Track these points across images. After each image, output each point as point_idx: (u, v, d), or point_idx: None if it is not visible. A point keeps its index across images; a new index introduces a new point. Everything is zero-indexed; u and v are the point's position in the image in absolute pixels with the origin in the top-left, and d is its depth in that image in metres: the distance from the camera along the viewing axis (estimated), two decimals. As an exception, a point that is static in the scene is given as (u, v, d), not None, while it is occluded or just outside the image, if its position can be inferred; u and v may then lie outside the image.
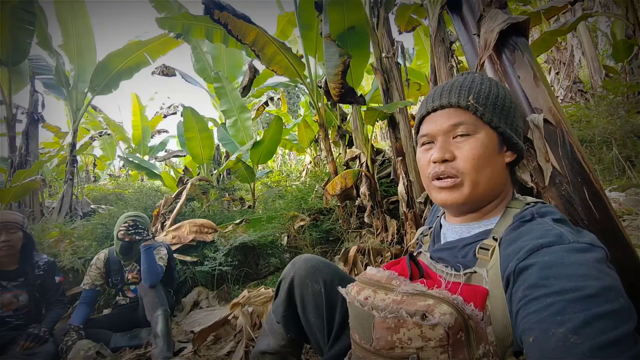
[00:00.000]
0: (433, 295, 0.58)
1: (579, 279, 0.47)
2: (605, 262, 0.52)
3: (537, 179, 0.87)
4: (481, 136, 0.67)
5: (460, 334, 0.54)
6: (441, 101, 0.70)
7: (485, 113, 0.68)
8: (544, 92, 0.93)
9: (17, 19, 4.08)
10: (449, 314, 0.54)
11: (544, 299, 0.48)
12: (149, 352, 1.74)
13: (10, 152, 4.43)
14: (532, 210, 0.66)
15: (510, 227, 0.65)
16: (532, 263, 0.53)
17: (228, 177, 5.35)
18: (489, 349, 0.56)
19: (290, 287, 0.99)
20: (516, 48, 0.98)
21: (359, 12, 2.61)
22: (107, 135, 7.97)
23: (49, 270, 2.03)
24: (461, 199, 0.68)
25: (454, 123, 0.68)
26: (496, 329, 0.57)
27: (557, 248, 0.53)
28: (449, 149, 0.68)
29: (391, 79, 2.77)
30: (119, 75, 4.93)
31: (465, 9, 1.12)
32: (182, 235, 2.90)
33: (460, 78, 0.73)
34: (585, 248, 0.53)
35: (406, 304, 0.58)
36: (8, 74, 4.36)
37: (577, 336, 0.42)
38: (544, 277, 0.50)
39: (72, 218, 4.52)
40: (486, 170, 0.67)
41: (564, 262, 0.50)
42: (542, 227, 0.59)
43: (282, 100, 7.86)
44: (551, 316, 0.45)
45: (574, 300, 0.45)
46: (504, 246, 0.61)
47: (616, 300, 0.45)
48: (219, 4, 2.44)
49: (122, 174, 10.56)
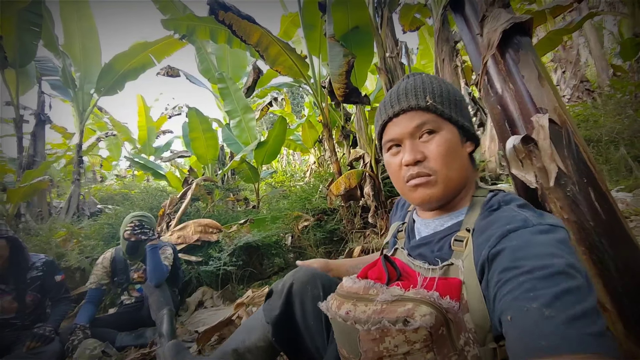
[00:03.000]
0: (411, 297, 0.59)
1: (545, 257, 0.51)
2: (566, 242, 0.55)
3: (542, 180, 0.86)
4: (444, 132, 0.70)
5: (441, 329, 0.56)
6: (401, 105, 0.72)
7: (444, 110, 0.71)
8: (549, 92, 0.92)
9: (24, 21, 4.14)
10: (428, 315, 0.56)
11: (517, 279, 0.50)
12: (154, 351, 1.75)
13: (19, 152, 4.50)
14: (499, 199, 0.69)
15: (480, 216, 0.68)
16: (502, 248, 0.56)
17: (232, 177, 5.37)
18: (469, 337, 0.58)
19: (289, 293, 0.99)
20: (520, 47, 0.97)
21: (363, 12, 2.61)
22: (113, 136, 8.05)
23: (47, 269, 2.02)
24: (437, 196, 0.70)
25: (417, 124, 0.70)
26: (474, 315, 0.60)
27: (523, 232, 0.57)
28: (419, 150, 0.70)
29: (395, 79, 2.76)
30: (125, 77, 4.98)
31: (468, 8, 1.11)
32: (187, 235, 2.92)
33: (411, 80, 0.76)
34: (548, 229, 0.57)
35: (387, 312, 0.59)
36: (15, 75, 4.43)
37: (550, 309, 0.45)
38: (514, 259, 0.53)
39: (80, 218, 4.58)
40: (455, 165, 0.70)
41: (530, 244, 0.54)
42: (508, 213, 0.63)
43: (286, 101, 7.88)
44: (524, 293, 0.48)
45: (543, 277, 0.48)
46: (476, 236, 0.64)
47: (580, 276, 0.49)
48: (224, 4, 2.45)
49: (129, 174, 10.65)
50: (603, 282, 0.79)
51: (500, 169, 4.53)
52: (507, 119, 0.98)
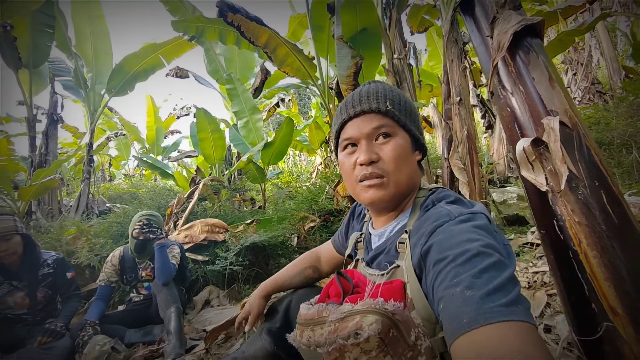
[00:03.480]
0: (358, 310, 0.63)
1: (463, 244, 0.55)
2: (483, 226, 0.60)
3: (553, 182, 0.86)
4: (399, 138, 0.74)
5: (391, 331, 0.59)
6: (362, 106, 0.75)
7: (400, 117, 0.75)
8: (560, 94, 0.92)
9: (38, 23, 4.23)
10: (375, 322, 0.59)
11: (445, 269, 0.54)
12: (162, 348, 1.77)
13: (31, 151, 4.58)
14: (432, 198, 0.74)
15: (417, 216, 0.72)
16: (431, 244, 0.60)
17: (239, 177, 5.40)
18: (419, 331, 0.62)
19: (287, 308, 1.06)
20: (531, 49, 0.97)
21: (372, 14, 2.61)
22: (123, 136, 8.16)
23: (58, 266, 2.05)
24: (387, 196, 0.73)
25: (375, 126, 0.74)
26: (419, 311, 0.63)
27: (447, 225, 0.61)
28: (374, 151, 0.73)
29: (403, 81, 2.76)
30: (135, 77, 5.05)
31: (478, 10, 1.10)
32: (194, 235, 2.94)
33: (373, 86, 0.79)
34: (467, 218, 0.62)
35: (339, 330, 0.62)
36: (29, 76, 4.52)
37: (470, 290, 0.48)
38: (441, 251, 0.57)
39: (89, 216, 4.65)
40: (405, 169, 0.74)
41: (452, 234, 0.58)
42: (436, 211, 0.67)
43: (293, 102, 7.90)
44: (450, 281, 0.52)
45: (463, 263, 0.52)
46: (412, 235, 0.68)
47: (494, 254, 0.53)
48: (233, 6, 2.48)
49: (136, 173, 10.79)
50: (614, 285, 0.79)
51: (509, 172, 4.48)
52: (517, 121, 0.97)
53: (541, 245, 0.99)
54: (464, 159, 2.45)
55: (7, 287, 1.87)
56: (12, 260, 1.87)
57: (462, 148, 2.44)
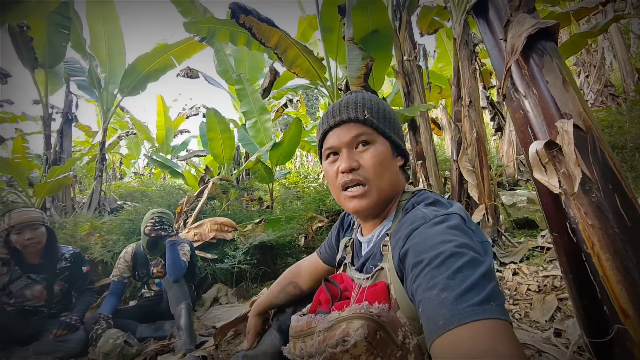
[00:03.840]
0: (345, 317, 0.64)
1: (437, 246, 0.56)
2: (457, 226, 0.60)
3: (566, 185, 0.86)
4: (378, 145, 0.77)
5: (378, 334, 0.61)
6: (341, 116, 0.78)
7: (379, 125, 0.77)
8: (574, 97, 0.92)
9: (55, 24, 4.33)
10: (360, 327, 0.61)
11: (422, 273, 0.55)
12: (173, 343, 1.80)
13: (46, 149, 4.69)
14: (413, 201, 0.75)
15: (399, 220, 0.73)
16: (408, 247, 0.61)
17: (247, 177, 5.45)
18: (406, 330, 0.63)
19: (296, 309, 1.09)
20: (545, 52, 0.97)
21: (383, 16, 2.62)
22: (133, 135, 8.28)
23: (75, 261, 2.12)
24: (371, 204, 0.75)
25: (355, 135, 0.76)
26: (404, 310, 0.64)
27: (422, 228, 0.62)
28: (354, 158, 0.76)
29: (412, 82, 2.77)
30: (147, 78, 5.13)
31: (492, 13, 1.11)
32: (203, 233, 2.98)
33: (352, 96, 0.82)
34: (441, 219, 0.62)
35: (328, 339, 0.64)
36: (45, 76, 4.63)
37: (445, 292, 0.49)
38: (417, 255, 0.58)
39: (101, 213, 4.73)
40: (386, 175, 0.76)
41: (427, 237, 0.59)
42: (414, 214, 0.68)
43: (301, 103, 7.94)
44: (426, 284, 0.52)
45: (438, 265, 0.53)
46: (392, 238, 0.69)
47: (467, 252, 0.53)
48: (245, 8, 2.51)
49: (146, 172, 10.94)
50: (626, 288, 0.79)
51: (519, 174, 4.45)
52: (530, 124, 0.98)
53: (553, 248, 0.99)
54: (473, 161, 2.44)
55: (25, 280, 1.93)
56: (35, 249, 1.95)
57: (472, 150, 2.44)
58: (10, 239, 1.89)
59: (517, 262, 2.13)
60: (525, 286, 1.80)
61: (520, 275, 1.93)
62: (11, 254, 1.92)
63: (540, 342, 1.32)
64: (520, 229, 2.86)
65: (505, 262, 2.15)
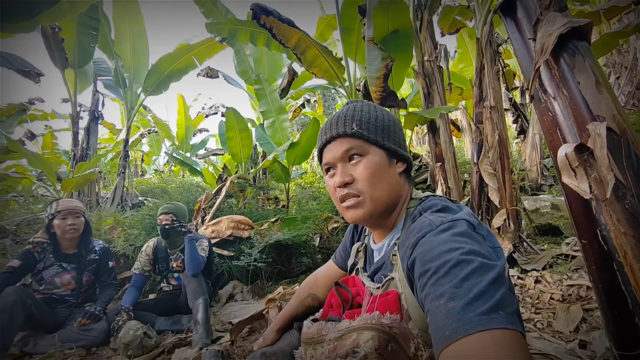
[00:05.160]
0: (355, 327, 0.64)
1: (444, 255, 0.54)
2: (464, 233, 0.59)
3: (597, 191, 0.82)
4: (371, 156, 0.76)
5: (389, 345, 0.60)
6: (332, 132, 0.79)
7: (369, 136, 0.77)
8: (607, 99, 0.88)
9: (84, 25, 4.52)
10: (371, 339, 0.60)
11: (429, 282, 0.54)
12: (190, 337, 1.85)
13: (73, 145, 4.90)
14: (420, 208, 0.74)
15: (407, 228, 0.72)
16: (415, 256, 0.60)
17: (264, 176, 5.50)
18: (418, 342, 0.62)
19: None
20: (576, 52, 0.93)
21: (404, 16, 2.59)
22: (155, 133, 8.53)
23: (104, 255, 2.23)
24: (367, 214, 0.75)
25: (345, 149, 0.77)
26: (416, 322, 0.63)
27: (428, 236, 0.61)
28: (348, 173, 0.76)
29: (433, 83, 2.72)
30: (169, 77, 5.27)
31: (520, 12, 1.07)
32: (220, 230, 3.04)
33: (344, 109, 0.82)
34: (448, 226, 0.61)
35: (338, 348, 0.64)
36: (74, 75, 4.84)
37: (452, 301, 0.48)
38: (423, 264, 0.57)
39: (123, 208, 4.90)
40: (381, 185, 0.75)
41: (433, 246, 0.58)
42: (420, 222, 0.67)
43: (319, 103, 7.96)
44: (434, 293, 0.51)
45: (445, 274, 0.52)
46: (400, 248, 0.69)
47: (475, 259, 0.52)
48: (266, 9, 2.54)
49: (166, 169, 11.24)
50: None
51: (542, 179, 4.29)
52: (559, 126, 0.94)
53: (581, 255, 0.96)
54: (495, 164, 2.38)
55: (57, 268, 2.03)
56: (73, 237, 2.06)
57: (493, 153, 2.37)
58: (53, 224, 2.01)
59: (540, 269, 2.05)
60: (548, 295, 1.74)
61: (543, 284, 1.86)
62: (49, 240, 2.03)
63: (563, 354, 1.27)
64: (543, 235, 2.76)
65: (527, 270, 2.08)
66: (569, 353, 1.28)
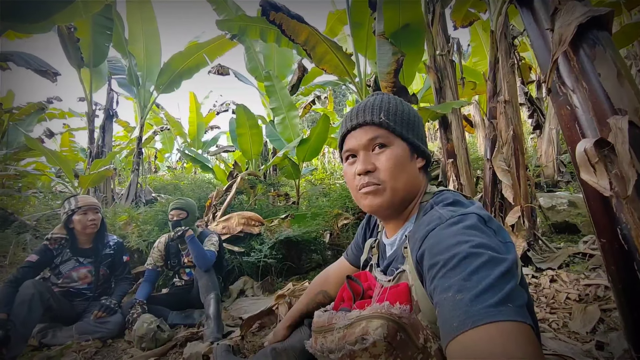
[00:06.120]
0: (365, 316, 0.64)
1: (453, 248, 0.55)
2: (474, 226, 0.59)
3: (618, 187, 0.79)
4: (394, 147, 0.77)
5: (398, 335, 0.60)
6: (358, 120, 0.80)
7: (395, 127, 0.77)
8: (630, 92, 0.84)
9: (99, 25, 4.61)
10: (380, 327, 0.60)
11: (437, 275, 0.54)
12: (201, 331, 1.88)
13: (90, 143, 5.02)
14: (432, 201, 0.75)
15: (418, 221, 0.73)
16: (424, 249, 0.61)
17: (274, 172, 5.53)
18: (427, 334, 0.62)
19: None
20: (597, 43, 0.89)
21: (416, 9, 2.54)
22: (167, 131, 8.66)
23: (118, 250, 2.28)
24: (385, 202, 0.75)
25: (371, 137, 0.77)
26: (425, 314, 0.64)
27: (437, 229, 0.61)
28: (370, 161, 0.77)
29: (445, 78, 2.67)
30: (181, 75, 5.33)
31: (538, 1, 1.03)
32: (231, 226, 3.07)
33: (371, 99, 0.83)
34: (458, 220, 0.61)
35: (348, 336, 0.64)
36: (89, 74, 4.94)
37: (460, 294, 0.48)
38: (432, 257, 0.57)
39: (137, 204, 5.00)
40: (402, 177, 0.76)
41: (442, 239, 0.58)
42: (431, 214, 0.68)
43: (329, 99, 7.92)
44: (442, 286, 0.52)
45: (453, 267, 0.52)
46: (410, 241, 0.69)
47: (484, 253, 0.52)
48: (275, 5, 2.53)
49: (178, 166, 11.42)
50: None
51: (559, 175, 4.17)
52: (578, 120, 0.91)
53: (600, 254, 0.92)
54: (509, 160, 2.32)
55: (74, 262, 2.09)
56: (92, 232, 2.13)
57: (507, 149, 2.31)
58: (73, 219, 2.08)
59: (555, 268, 2.00)
60: (564, 294, 1.69)
61: (559, 283, 1.81)
62: (67, 235, 2.09)
63: (579, 354, 1.24)
64: (559, 233, 2.69)
65: (542, 268, 2.03)
66: (585, 354, 1.25)
